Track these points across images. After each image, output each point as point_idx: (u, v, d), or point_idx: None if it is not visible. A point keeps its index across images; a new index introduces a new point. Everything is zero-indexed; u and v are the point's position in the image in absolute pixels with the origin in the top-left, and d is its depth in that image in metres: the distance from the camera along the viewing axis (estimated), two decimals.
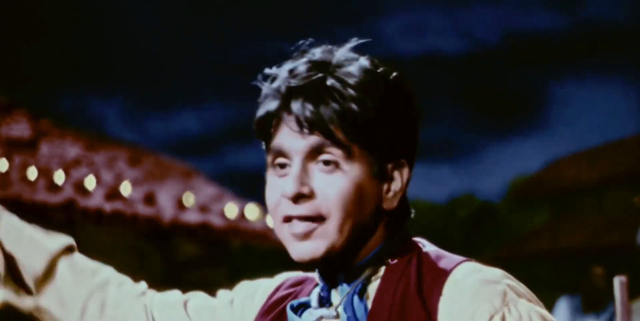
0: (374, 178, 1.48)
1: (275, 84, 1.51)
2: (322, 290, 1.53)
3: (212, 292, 1.80)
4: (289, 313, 1.54)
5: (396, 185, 1.51)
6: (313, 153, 1.46)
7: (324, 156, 1.46)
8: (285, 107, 1.48)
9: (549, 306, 4.73)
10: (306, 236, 1.47)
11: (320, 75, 1.48)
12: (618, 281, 3.27)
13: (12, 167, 9.19)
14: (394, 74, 1.51)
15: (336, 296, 1.52)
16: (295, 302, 1.55)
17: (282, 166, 1.50)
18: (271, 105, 1.50)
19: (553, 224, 21.07)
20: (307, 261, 1.49)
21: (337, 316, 1.49)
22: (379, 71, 1.50)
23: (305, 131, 1.45)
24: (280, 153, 1.50)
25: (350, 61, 1.51)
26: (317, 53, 1.54)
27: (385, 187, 1.50)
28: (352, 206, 1.45)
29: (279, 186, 1.50)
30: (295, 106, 1.47)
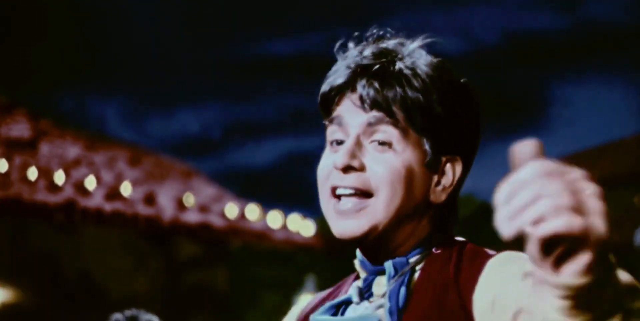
0: (425, 166, 1.50)
1: (345, 62, 1.53)
2: (364, 281, 1.53)
3: (212, 292, 1.79)
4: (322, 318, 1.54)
5: (447, 180, 1.53)
6: (369, 129, 1.49)
7: (379, 135, 1.49)
8: (351, 83, 1.51)
9: None
10: (351, 213, 1.47)
11: (389, 60, 1.51)
12: None
13: (12, 167, 9.19)
14: (462, 78, 1.56)
15: (377, 286, 1.52)
16: (328, 305, 1.55)
17: (339, 142, 1.52)
18: (337, 80, 1.52)
19: None
20: (347, 238, 1.49)
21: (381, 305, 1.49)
22: (446, 69, 1.54)
23: (367, 106, 1.48)
24: (338, 126, 1.52)
25: (420, 55, 1.55)
26: (390, 43, 1.56)
27: (435, 179, 1.52)
28: (400, 186, 1.47)
29: (331, 158, 1.51)
30: (361, 83, 1.49)
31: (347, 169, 1.47)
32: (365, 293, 1.52)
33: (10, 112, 10.90)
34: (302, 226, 10.95)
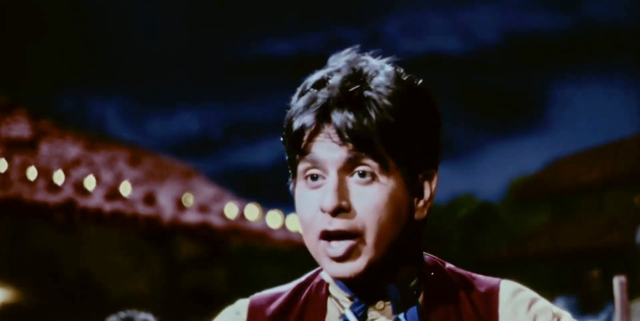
0: (407, 189, 1.48)
1: (311, 96, 1.48)
2: (355, 306, 1.51)
3: (212, 292, 1.79)
4: None
5: (426, 195, 1.51)
6: (349, 165, 1.45)
7: (361, 168, 1.44)
8: (324, 118, 1.45)
9: None
10: (345, 257, 1.45)
11: (356, 86, 1.46)
12: (618, 281, 3.27)
13: (12, 167, 9.19)
14: (419, 81, 1.52)
15: (373, 311, 1.51)
16: None
17: (314, 177, 1.47)
18: (308, 117, 1.46)
19: (553, 224, 21.08)
20: (347, 278, 1.46)
21: None
22: (405, 78, 1.50)
23: (347, 142, 1.43)
24: (312, 163, 1.47)
25: (378, 69, 1.50)
26: (342, 64, 1.51)
27: (416, 198, 1.50)
28: (389, 219, 1.44)
29: (313, 198, 1.46)
30: (336, 117, 1.44)
31: (336, 212, 1.44)
32: (360, 318, 1.51)
33: (10, 112, 10.90)
34: None
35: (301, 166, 1.48)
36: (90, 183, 9.62)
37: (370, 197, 1.44)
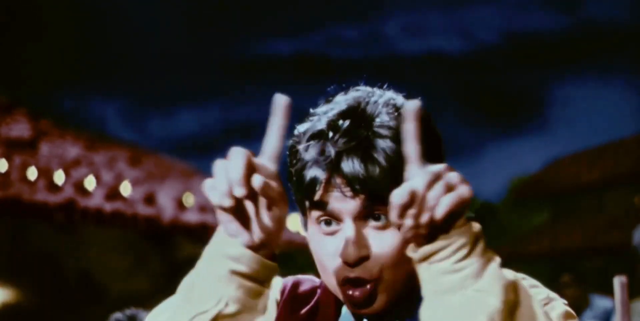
0: None
1: (320, 148, 1.47)
2: None
3: None
4: None
5: None
6: (363, 212, 1.46)
7: (376, 216, 1.46)
8: (334, 170, 1.46)
9: None
10: (366, 300, 1.47)
11: (362, 132, 1.47)
12: (618, 281, 3.27)
13: (12, 167, 9.19)
14: (425, 114, 1.49)
15: None
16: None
17: (328, 222, 1.48)
18: (318, 170, 1.46)
19: (553, 224, 21.09)
20: (367, 314, 1.50)
21: None
22: (422, 116, 1.44)
23: (359, 193, 1.44)
24: (323, 211, 1.47)
25: (377, 104, 1.50)
26: (342, 103, 1.51)
27: None
28: (405, 261, 1.44)
29: (330, 245, 1.48)
30: (346, 168, 1.44)
31: (358, 263, 1.46)
32: None
33: (10, 112, 10.90)
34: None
35: (314, 214, 1.49)
36: (90, 183, 9.63)
37: (387, 242, 1.46)
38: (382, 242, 1.46)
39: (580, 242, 18.94)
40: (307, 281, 1.66)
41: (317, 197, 1.47)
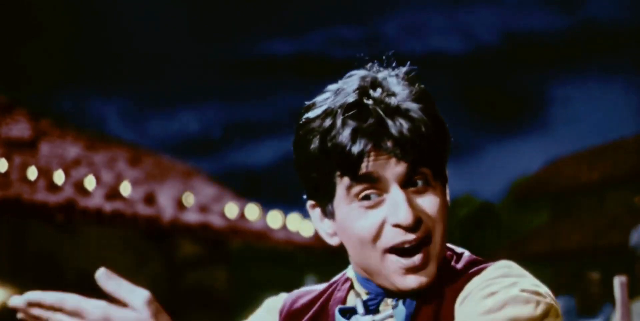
0: (444, 192, 1.54)
1: (362, 116, 1.49)
2: (371, 299, 1.55)
3: (212, 292, 1.80)
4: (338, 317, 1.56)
5: (448, 197, 1.56)
6: (407, 176, 1.49)
7: (418, 176, 1.49)
8: (383, 135, 1.48)
9: None
10: (421, 266, 1.49)
11: (394, 98, 1.50)
12: (618, 281, 3.27)
13: (12, 167, 9.19)
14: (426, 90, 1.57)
15: (385, 305, 1.54)
16: (341, 307, 1.57)
17: (367, 197, 1.49)
18: (361, 140, 1.48)
19: (553, 224, 21.08)
20: (417, 289, 1.50)
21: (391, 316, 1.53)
22: (422, 87, 1.55)
23: (408, 153, 1.47)
24: (370, 183, 1.49)
25: (387, 75, 1.55)
26: (355, 80, 1.54)
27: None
28: (446, 222, 1.51)
29: (376, 216, 1.49)
30: (396, 131, 1.47)
31: (416, 224, 1.48)
32: (372, 310, 1.54)
33: (10, 112, 10.90)
34: (302, 226, 10.96)
35: (355, 189, 1.49)
36: (90, 183, 9.63)
37: (432, 202, 1.50)
38: (427, 203, 1.49)
39: (580, 242, 18.93)
40: (305, 294, 1.67)
41: (363, 169, 1.48)
